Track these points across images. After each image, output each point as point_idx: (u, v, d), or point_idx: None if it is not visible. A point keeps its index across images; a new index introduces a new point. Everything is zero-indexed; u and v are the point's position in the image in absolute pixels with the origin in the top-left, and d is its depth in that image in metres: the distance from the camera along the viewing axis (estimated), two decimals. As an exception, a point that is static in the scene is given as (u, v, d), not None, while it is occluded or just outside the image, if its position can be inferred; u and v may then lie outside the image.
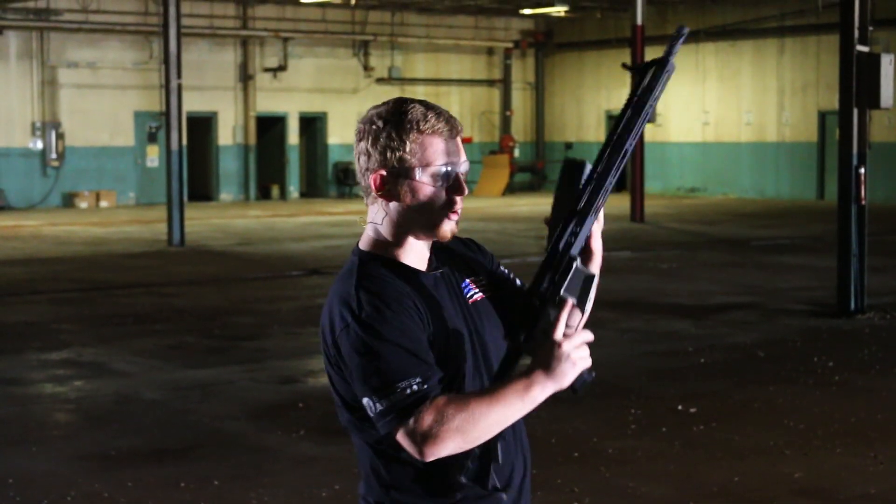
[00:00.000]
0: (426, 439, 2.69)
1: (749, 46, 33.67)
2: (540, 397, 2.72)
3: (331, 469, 7.50)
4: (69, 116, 30.91)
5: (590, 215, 2.79)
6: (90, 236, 23.08)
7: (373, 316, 2.78)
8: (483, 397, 2.70)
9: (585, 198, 2.80)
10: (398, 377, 2.72)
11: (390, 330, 2.76)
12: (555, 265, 2.79)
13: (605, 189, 2.78)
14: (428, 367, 2.75)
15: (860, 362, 10.83)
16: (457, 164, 2.88)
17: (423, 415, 2.69)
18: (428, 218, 2.88)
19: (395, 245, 2.93)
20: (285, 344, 11.97)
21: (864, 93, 13.16)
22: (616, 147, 2.78)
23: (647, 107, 2.77)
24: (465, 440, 2.69)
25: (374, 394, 2.74)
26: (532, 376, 2.71)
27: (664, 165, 35.27)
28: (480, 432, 2.70)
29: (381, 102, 2.95)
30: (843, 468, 7.55)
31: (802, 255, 19.13)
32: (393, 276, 2.87)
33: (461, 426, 2.68)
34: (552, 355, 2.71)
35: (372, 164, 2.88)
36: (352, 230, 23.82)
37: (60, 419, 9.17)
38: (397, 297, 2.82)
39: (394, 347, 2.75)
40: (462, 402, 2.70)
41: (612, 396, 9.49)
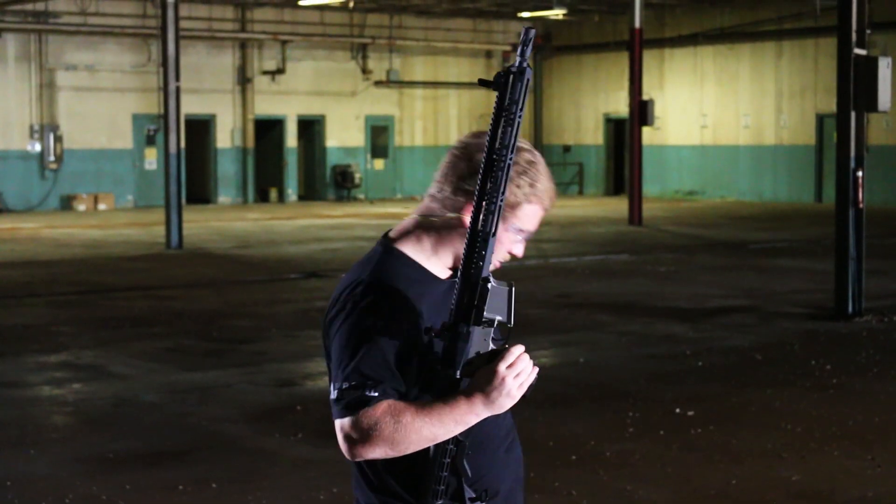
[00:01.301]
0: (357, 441, 2.79)
1: (747, 49, 33.70)
2: (473, 421, 2.80)
3: (328, 472, 7.50)
4: (67, 119, 30.92)
5: (490, 237, 2.78)
6: (88, 239, 23.07)
7: (370, 309, 2.84)
8: (419, 413, 2.77)
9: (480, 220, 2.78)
10: (362, 376, 2.80)
11: (379, 329, 2.82)
12: (469, 290, 2.79)
13: (499, 208, 2.77)
14: (390, 376, 2.81)
15: (858, 365, 10.83)
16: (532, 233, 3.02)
17: (361, 417, 2.78)
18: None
19: (428, 250, 2.98)
20: (283, 347, 11.97)
21: (862, 96, 13.18)
22: (499, 164, 2.76)
23: (516, 117, 2.74)
24: (394, 450, 2.79)
25: (337, 380, 2.83)
26: (471, 400, 2.78)
27: (662, 168, 35.29)
28: (409, 445, 2.79)
29: (525, 145, 2.97)
30: (841, 471, 7.55)
31: (800, 259, 19.14)
32: (409, 277, 2.92)
33: (392, 437, 2.77)
34: (493, 384, 2.76)
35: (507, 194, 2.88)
36: (350, 233, 23.83)
37: (58, 422, 9.17)
38: (403, 298, 2.86)
39: (373, 347, 2.81)
40: (400, 414, 2.77)
41: (610, 399, 9.49)
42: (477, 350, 2.80)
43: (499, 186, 2.75)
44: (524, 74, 2.73)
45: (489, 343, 2.82)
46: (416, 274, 2.94)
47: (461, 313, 2.79)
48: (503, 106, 2.74)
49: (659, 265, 18.45)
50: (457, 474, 2.87)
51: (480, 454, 2.92)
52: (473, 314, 2.78)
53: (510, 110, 2.74)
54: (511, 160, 2.75)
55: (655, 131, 34.09)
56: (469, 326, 2.79)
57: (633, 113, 26.21)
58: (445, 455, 2.84)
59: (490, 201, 2.76)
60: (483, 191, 2.76)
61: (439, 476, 2.85)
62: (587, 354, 11.25)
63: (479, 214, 2.77)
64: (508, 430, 3.07)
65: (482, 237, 2.77)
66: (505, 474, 3.02)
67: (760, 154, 33.59)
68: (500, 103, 2.75)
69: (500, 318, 2.82)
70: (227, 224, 26.70)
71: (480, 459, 2.92)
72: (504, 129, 2.74)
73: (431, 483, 2.85)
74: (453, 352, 2.79)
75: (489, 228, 2.76)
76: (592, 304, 14.55)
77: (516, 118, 2.74)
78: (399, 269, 2.93)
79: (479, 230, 2.77)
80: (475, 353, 2.80)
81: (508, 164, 2.75)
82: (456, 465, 2.86)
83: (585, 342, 11.93)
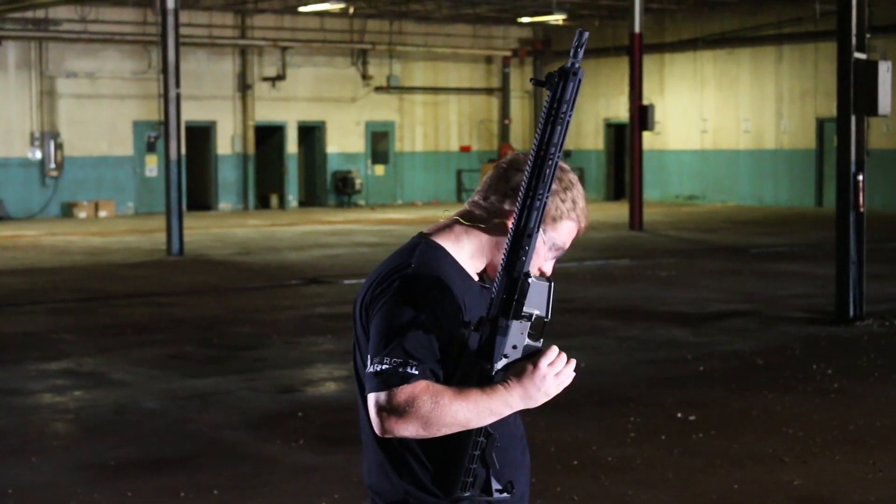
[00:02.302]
0: (391, 415, 2.81)
1: (747, 54, 33.70)
2: (506, 412, 2.86)
3: (330, 478, 7.50)
4: (68, 126, 30.93)
5: (535, 232, 2.84)
6: (89, 246, 23.08)
7: (419, 293, 2.90)
8: (456, 397, 2.81)
9: (525, 216, 2.84)
10: (405, 353, 2.83)
11: (427, 313, 2.87)
12: (510, 285, 2.85)
13: (544, 205, 2.84)
14: (432, 358, 2.86)
15: (859, 369, 10.83)
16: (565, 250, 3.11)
17: (399, 392, 2.80)
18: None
19: (466, 251, 3.05)
20: (284, 353, 11.97)
21: (862, 100, 13.18)
22: (547, 161, 2.82)
23: (567, 116, 2.80)
24: (426, 430, 2.81)
25: (378, 355, 2.85)
26: (508, 392, 2.83)
27: (663, 173, 35.29)
28: (442, 427, 2.81)
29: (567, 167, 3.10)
30: (842, 475, 7.55)
31: (801, 263, 19.14)
32: (451, 268, 2.99)
33: (427, 416, 2.79)
34: (533, 379, 2.84)
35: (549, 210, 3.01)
36: (351, 239, 23.84)
37: (60, 429, 9.17)
38: (449, 288, 2.93)
39: (419, 328, 2.85)
40: (438, 395, 2.80)
41: (612, 404, 9.49)
42: (514, 344, 2.87)
43: (546, 183, 2.82)
44: (576, 75, 2.82)
45: (525, 337, 2.88)
46: (457, 269, 3.01)
47: (502, 307, 2.85)
48: (554, 105, 2.80)
49: (660, 270, 18.45)
50: (486, 466, 2.91)
51: (503, 452, 2.96)
52: (514, 308, 2.85)
53: (561, 110, 2.80)
54: (559, 158, 2.82)
55: (656, 136, 34.10)
56: (509, 320, 2.85)
57: (633, 118, 26.21)
58: (476, 447, 2.88)
59: (536, 198, 2.82)
60: (529, 187, 2.82)
61: (469, 468, 2.89)
62: (588, 359, 11.25)
63: (524, 211, 2.83)
64: (523, 434, 3.15)
65: (527, 233, 2.83)
66: (521, 475, 3.09)
67: (761, 158, 33.59)
68: (552, 102, 2.81)
69: (539, 313, 2.88)
70: (227, 231, 26.70)
71: (504, 457, 2.97)
72: (554, 127, 2.81)
73: (461, 474, 2.89)
74: (491, 344, 2.86)
75: (533, 224, 2.83)
76: (593, 309, 14.55)
77: (567, 118, 2.81)
78: (443, 260, 3.00)
79: (522, 227, 2.83)
80: (512, 347, 2.86)
81: (556, 163, 2.82)
82: (485, 457, 2.90)
83: (587, 347, 11.93)
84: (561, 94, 2.80)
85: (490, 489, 2.92)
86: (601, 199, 36.82)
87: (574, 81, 2.81)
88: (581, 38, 2.81)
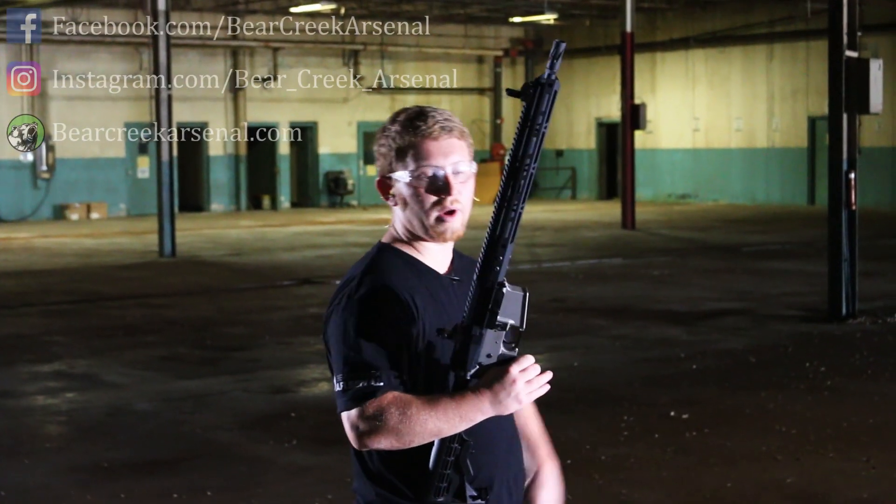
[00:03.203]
0: (364, 432, 2.82)
1: (738, 53, 33.72)
2: (478, 419, 2.83)
3: (323, 478, 7.49)
4: (59, 128, 30.86)
5: (509, 243, 2.83)
6: (81, 248, 23.05)
7: (365, 302, 2.89)
8: (425, 406, 2.81)
9: (500, 226, 2.83)
10: (365, 366, 2.84)
11: (374, 321, 2.87)
12: (484, 294, 2.83)
13: (519, 215, 2.83)
14: (391, 366, 2.86)
15: (852, 367, 10.84)
16: (443, 166, 2.95)
17: (367, 407, 2.81)
18: (420, 221, 2.96)
19: (410, 244, 3.02)
20: (277, 354, 11.96)
21: (854, 98, 13.19)
22: (521, 172, 2.82)
23: (542, 127, 2.81)
24: (399, 441, 2.81)
25: (339, 373, 2.87)
26: (479, 398, 2.80)
27: (655, 172, 35.31)
28: (415, 437, 2.81)
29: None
30: (836, 473, 7.56)
31: (793, 261, 19.15)
32: (404, 268, 2.97)
33: (397, 428, 2.79)
34: (503, 385, 2.79)
35: (378, 168, 3.02)
36: (344, 239, 23.83)
37: (52, 431, 9.15)
38: (396, 290, 2.91)
39: (369, 339, 2.85)
40: (405, 405, 2.81)
41: (605, 403, 9.50)
42: (488, 353, 2.84)
43: (521, 194, 2.81)
44: (553, 87, 2.81)
45: (500, 346, 2.86)
46: (414, 267, 2.99)
47: (475, 316, 2.83)
48: (529, 116, 2.80)
49: (652, 269, 18.45)
50: (460, 472, 2.90)
51: (482, 454, 2.94)
52: (487, 317, 2.83)
53: (536, 121, 2.81)
54: (534, 170, 2.82)
55: (647, 135, 34.11)
56: (483, 329, 2.83)
57: (625, 117, 26.22)
58: (450, 453, 2.87)
59: (510, 208, 2.81)
60: (504, 198, 2.82)
61: (443, 473, 2.87)
62: (581, 358, 11.25)
63: (499, 222, 2.82)
64: (512, 433, 3.11)
65: (501, 244, 2.82)
66: (505, 475, 3.05)
67: (753, 157, 33.61)
68: (527, 113, 2.82)
69: (514, 323, 2.85)
70: (220, 232, 26.68)
71: (482, 459, 2.95)
72: (528, 138, 2.81)
73: (435, 480, 2.88)
74: (465, 353, 2.84)
75: (508, 235, 2.81)
76: (586, 308, 14.55)
77: (542, 129, 2.82)
78: (391, 261, 2.98)
79: (497, 236, 2.82)
80: (486, 356, 2.84)
81: (532, 174, 2.81)
82: (459, 463, 2.89)
83: (580, 346, 11.93)
84: (537, 105, 2.80)
85: (464, 495, 2.91)
86: (593, 198, 36.83)
87: (550, 93, 2.81)
88: (558, 50, 2.79)
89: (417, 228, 2.97)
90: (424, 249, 3.01)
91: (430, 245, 3.01)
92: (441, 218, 2.94)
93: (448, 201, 2.94)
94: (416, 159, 2.93)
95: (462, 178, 2.97)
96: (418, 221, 2.96)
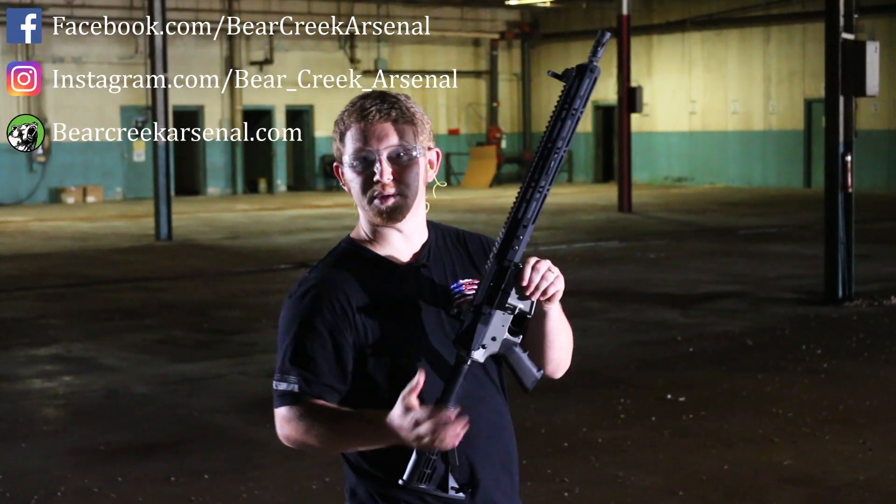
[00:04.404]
0: (284, 435, 2.91)
1: (735, 35, 33.69)
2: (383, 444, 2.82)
3: (320, 462, 7.49)
4: (55, 112, 30.83)
5: (530, 224, 2.86)
6: (77, 231, 23.03)
7: (300, 301, 2.92)
8: (334, 423, 2.84)
9: (524, 206, 2.85)
10: (290, 368, 2.89)
11: (304, 324, 2.89)
12: (499, 274, 2.86)
13: (544, 197, 2.85)
14: (316, 370, 2.87)
15: (848, 350, 10.85)
16: (376, 149, 2.91)
17: (285, 413, 2.89)
18: (362, 205, 2.97)
19: (370, 234, 3.01)
20: (274, 337, 11.91)
21: (850, 80, 13.18)
22: (553, 154, 2.84)
23: (578, 112, 2.83)
24: (310, 448, 2.87)
25: (276, 371, 2.94)
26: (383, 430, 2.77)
27: (651, 155, 35.30)
28: (325, 450, 2.89)
29: None
30: (833, 455, 7.57)
31: (790, 244, 19.16)
32: (352, 265, 2.96)
33: (309, 437, 2.84)
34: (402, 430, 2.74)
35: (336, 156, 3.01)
36: (340, 223, 23.81)
37: (49, 414, 9.16)
38: (330, 290, 2.91)
39: (298, 341, 2.89)
40: (313, 420, 2.85)
41: (602, 386, 9.50)
42: (493, 335, 2.85)
43: (549, 176, 2.83)
44: (594, 73, 2.84)
45: (505, 330, 2.87)
46: (361, 262, 2.98)
47: (487, 295, 2.85)
48: (568, 99, 2.82)
49: (649, 252, 18.46)
50: (446, 462, 2.88)
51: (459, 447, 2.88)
52: (499, 297, 2.84)
53: (574, 105, 2.83)
54: (564, 153, 2.84)
55: (644, 118, 34.08)
56: (492, 309, 2.84)
57: (621, 100, 26.20)
58: None
59: (536, 189, 2.83)
60: (532, 178, 2.84)
61: (430, 458, 2.85)
62: (578, 341, 11.18)
63: (524, 201, 2.84)
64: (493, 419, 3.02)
65: (523, 223, 2.84)
66: (486, 464, 2.99)
67: (749, 140, 33.60)
68: (566, 97, 2.83)
69: (523, 308, 2.87)
70: (216, 215, 26.67)
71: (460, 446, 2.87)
72: (564, 122, 2.83)
73: (421, 464, 2.85)
74: (472, 331, 2.85)
75: (531, 216, 2.84)
76: (583, 291, 14.55)
77: (578, 113, 2.83)
78: (341, 259, 2.99)
79: (519, 217, 2.84)
80: (491, 339, 2.85)
81: (562, 157, 2.83)
82: (447, 452, 2.85)
83: (576, 329, 11.82)
84: (576, 89, 2.83)
85: (446, 486, 2.89)
86: (590, 182, 36.83)
87: (590, 79, 2.84)
88: (602, 38, 2.84)
89: (364, 213, 2.98)
90: (384, 239, 2.99)
91: (390, 233, 2.98)
92: (375, 201, 2.93)
93: (380, 186, 2.92)
94: (353, 143, 2.93)
95: (403, 163, 2.92)
96: (360, 206, 2.97)
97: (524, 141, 38.73)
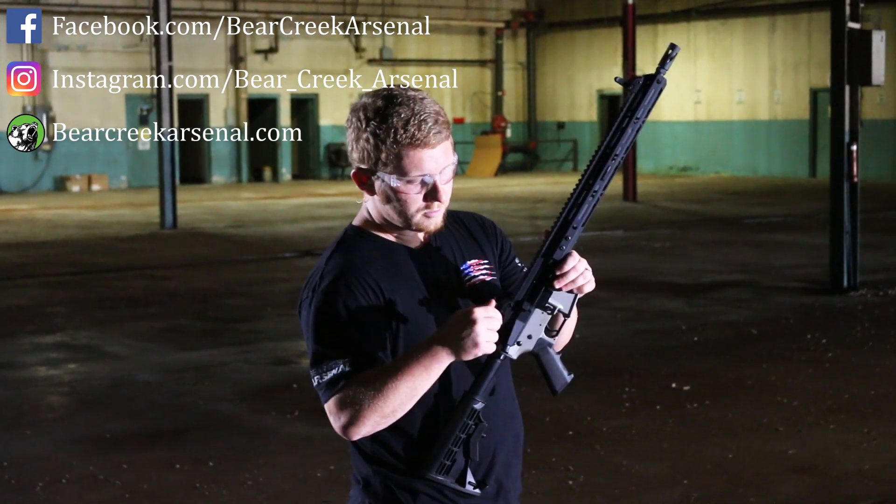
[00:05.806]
0: (346, 423, 2.81)
1: (740, 25, 33.64)
2: (438, 366, 2.78)
3: (325, 449, 7.50)
4: (60, 100, 30.84)
5: (581, 225, 2.90)
6: (82, 220, 23.05)
7: (327, 290, 2.86)
8: (389, 374, 2.77)
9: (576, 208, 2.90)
10: (330, 356, 2.82)
11: (338, 312, 2.84)
12: (544, 272, 2.90)
13: (597, 200, 2.88)
14: (360, 350, 2.82)
15: (853, 339, 10.84)
16: (434, 173, 2.88)
17: (341, 396, 2.80)
18: (404, 218, 2.92)
19: (378, 220, 2.99)
20: (279, 326, 11.97)
21: (856, 70, 13.15)
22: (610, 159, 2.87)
23: (641, 120, 2.86)
24: (382, 417, 2.79)
25: (312, 368, 2.86)
26: (435, 347, 2.77)
27: (656, 144, 35.25)
28: (394, 408, 2.78)
29: (376, 89, 2.94)
30: (837, 444, 7.57)
31: (795, 233, 19.15)
32: (370, 251, 2.94)
33: (373, 405, 2.76)
34: (463, 326, 2.75)
35: (354, 158, 2.93)
36: (345, 211, 23.81)
37: (54, 402, 9.17)
38: (359, 276, 2.88)
39: (334, 329, 2.83)
40: (371, 382, 2.77)
41: (606, 375, 9.50)
42: (529, 334, 2.89)
43: (604, 181, 2.87)
44: (661, 84, 2.87)
45: (542, 329, 2.91)
46: (380, 244, 2.96)
47: (529, 292, 2.88)
48: (633, 106, 2.86)
49: (654, 241, 18.45)
50: (466, 455, 2.89)
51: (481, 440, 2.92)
52: (540, 295, 2.88)
53: (636, 114, 2.86)
54: (622, 159, 2.87)
55: (649, 107, 33.98)
56: (532, 307, 2.87)
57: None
58: (464, 430, 2.86)
59: (591, 193, 2.87)
60: (587, 181, 2.87)
61: (451, 450, 2.86)
62: (582, 331, 11.21)
63: (576, 204, 2.88)
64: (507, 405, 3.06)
65: (573, 225, 2.88)
66: (501, 448, 3.03)
67: (754, 129, 33.57)
68: (630, 105, 2.87)
69: (562, 308, 2.91)
70: (221, 203, 26.67)
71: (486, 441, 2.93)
72: (625, 129, 2.87)
73: (441, 455, 2.86)
74: (509, 328, 2.87)
75: (581, 217, 2.88)
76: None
77: (640, 122, 2.86)
78: (359, 243, 2.96)
79: (570, 218, 2.88)
80: (527, 336, 2.89)
81: (619, 163, 2.87)
82: (469, 444, 2.88)
83: (581, 318, 11.79)
84: (640, 98, 2.86)
85: (464, 480, 2.90)
86: (595, 171, 36.76)
87: (656, 90, 2.86)
88: (674, 51, 2.86)
89: (396, 221, 2.93)
90: (392, 226, 2.97)
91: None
92: (426, 216, 2.92)
93: (435, 205, 2.92)
94: (408, 167, 2.84)
95: (447, 178, 2.93)
96: (399, 217, 2.92)
97: (529, 130, 38.70)
